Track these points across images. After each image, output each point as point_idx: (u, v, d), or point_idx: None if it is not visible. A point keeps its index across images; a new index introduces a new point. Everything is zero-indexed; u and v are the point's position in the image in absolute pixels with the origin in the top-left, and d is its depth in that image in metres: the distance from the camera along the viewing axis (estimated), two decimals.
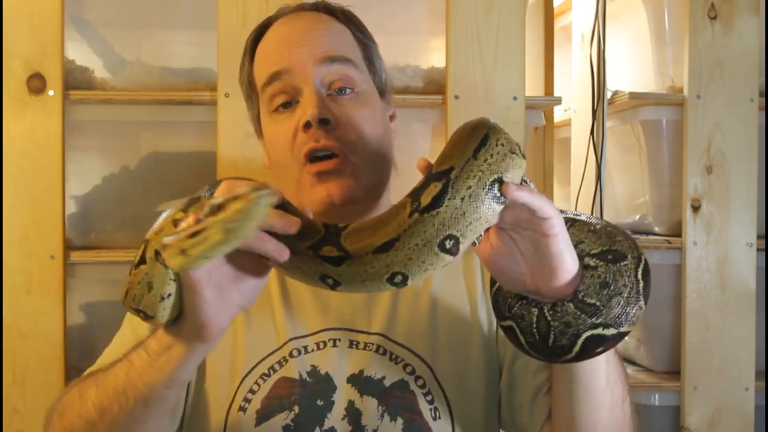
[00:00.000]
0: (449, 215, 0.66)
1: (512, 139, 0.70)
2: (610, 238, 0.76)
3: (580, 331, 0.71)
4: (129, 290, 0.75)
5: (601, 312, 0.71)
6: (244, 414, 0.93)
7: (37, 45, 1.47)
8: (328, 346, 0.96)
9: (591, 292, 0.72)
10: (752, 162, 1.69)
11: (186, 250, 0.64)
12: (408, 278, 0.68)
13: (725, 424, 1.68)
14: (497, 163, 0.67)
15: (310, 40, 0.96)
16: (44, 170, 1.47)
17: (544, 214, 0.67)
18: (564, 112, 2.09)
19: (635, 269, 0.74)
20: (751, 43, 1.69)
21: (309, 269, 0.71)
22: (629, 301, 0.72)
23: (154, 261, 0.72)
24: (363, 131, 0.94)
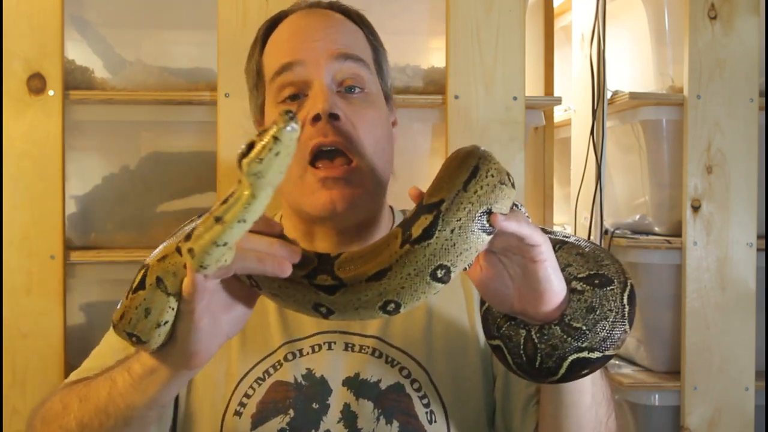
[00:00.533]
0: (440, 246, 0.67)
1: (502, 168, 0.71)
2: (597, 262, 0.77)
3: (566, 354, 0.72)
4: (125, 314, 0.72)
5: (586, 336, 0.72)
6: (239, 418, 0.93)
7: (37, 45, 1.47)
8: (323, 348, 0.95)
9: (577, 316, 0.73)
10: (752, 162, 1.69)
11: (221, 217, 0.61)
12: (401, 306, 0.70)
13: (725, 424, 1.68)
14: (486, 195, 0.68)
15: (325, 36, 0.96)
16: (44, 170, 1.47)
17: (532, 242, 0.68)
18: (564, 112, 2.09)
19: (621, 294, 0.75)
20: (751, 43, 1.69)
21: (302, 298, 0.72)
22: (614, 325, 0.74)
23: (155, 287, 0.71)
24: (369, 131, 0.94)
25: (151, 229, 1.60)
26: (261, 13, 1.48)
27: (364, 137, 0.93)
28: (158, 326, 0.71)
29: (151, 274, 0.72)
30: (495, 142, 1.53)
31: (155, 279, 0.71)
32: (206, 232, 0.63)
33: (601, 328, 0.73)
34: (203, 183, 1.59)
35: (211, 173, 1.51)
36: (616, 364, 1.87)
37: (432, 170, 1.62)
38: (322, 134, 0.90)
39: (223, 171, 1.49)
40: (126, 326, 0.73)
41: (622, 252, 1.80)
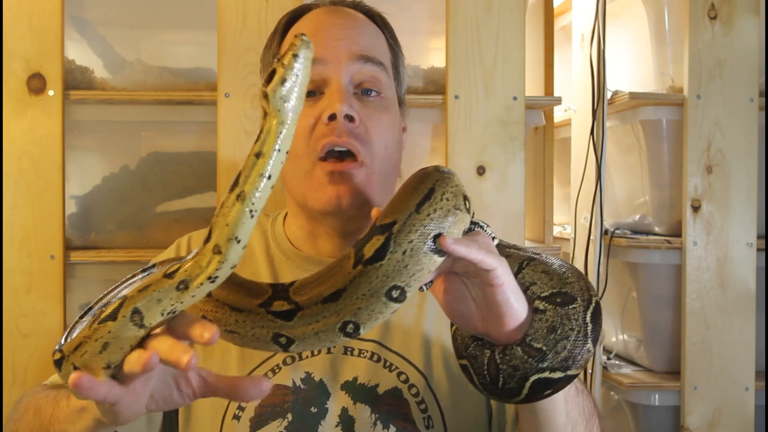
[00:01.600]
0: (392, 268, 0.67)
1: (460, 191, 0.71)
2: (561, 280, 0.76)
3: (528, 375, 0.72)
4: (81, 344, 0.64)
5: (547, 356, 0.72)
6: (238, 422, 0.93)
7: (37, 45, 1.47)
8: (322, 352, 0.95)
9: (538, 337, 0.73)
10: (752, 162, 1.69)
11: (260, 152, 0.61)
12: (360, 327, 0.69)
13: (725, 424, 1.68)
14: (439, 219, 0.68)
15: (348, 36, 0.95)
16: (44, 170, 1.47)
17: (485, 266, 0.68)
18: (564, 112, 2.09)
19: (584, 312, 0.75)
20: (751, 43, 1.69)
21: (261, 330, 0.71)
22: (576, 344, 0.73)
23: (128, 320, 0.63)
24: (381, 136, 0.93)
25: (151, 229, 1.60)
26: (261, 13, 1.48)
27: (376, 142, 0.93)
28: (107, 367, 0.64)
29: (127, 305, 0.64)
30: (495, 142, 1.53)
31: (131, 311, 0.63)
32: (251, 171, 0.61)
33: (562, 347, 0.72)
34: (203, 183, 1.59)
35: (211, 173, 1.51)
36: (616, 364, 1.87)
37: None
38: (335, 134, 0.90)
39: (223, 171, 1.49)
40: (75, 357, 0.65)
41: (622, 252, 1.80)
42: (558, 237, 2.11)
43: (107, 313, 0.63)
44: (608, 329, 1.96)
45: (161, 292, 0.63)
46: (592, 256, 1.80)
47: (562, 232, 2.15)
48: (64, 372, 0.65)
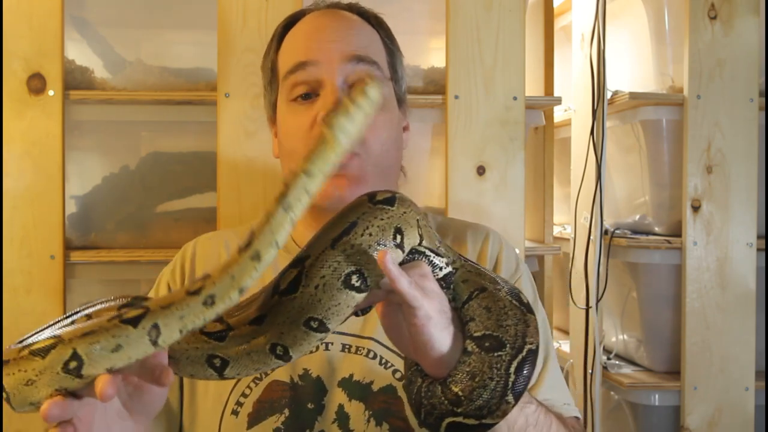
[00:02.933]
0: (306, 301, 0.68)
1: (392, 224, 0.70)
2: (498, 321, 0.73)
3: (443, 416, 0.71)
4: (95, 333, 0.62)
5: (462, 402, 0.69)
6: (236, 418, 0.93)
7: (37, 45, 1.47)
8: (320, 349, 0.95)
9: (458, 380, 0.70)
10: (752, 162, 1.69)
11: (290, 204, 0.61)
12: (288, 350, 0.70)
13: (725, 424, 1.68)
14: (357, 255, 0.68)
15: (340, 37, 0.96)
16: (44, 170, 1.47)
17: (411, 303, 0.67)
18: (564, 112, 2.09)
19: (509, 361, 0.70)
20: (751, 43, 1.69)
21: (195, 352, 0.71)
22: (494, 395, 0.69)
23: (146, 332, 0.62)
24: (377, 133, 0.94)
25: (151, 229, 1.60)
26: (261, 13, 1.48)
27: (371, 139, 0.93)
28: (30, 404, 0.65)
29: (150, 317, 0.63)
30: (495, 142, 1.53)
31: (151, 324, 0.62)
32: (298, 185, 0.63)
33: (478, 395, 0.69)
34: (203, 183, 1.59)
35: (211, 173, 1.51)
36: (616, 364, 1.87)
37: (432, 170, 1.62)
38: None
39: (223, 171, 1.49)
40: (84, 347, 0.63)
41: (622, 252, 1.80)
42: (558, 237, 2.11)
43: (131, 316, 0.63)
44: (608, 329, 1.96)
45: (186, 309, 0.63)
46: (592, 256, 1.80)
47: (562, 232, 2.15)
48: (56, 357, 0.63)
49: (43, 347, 0.63)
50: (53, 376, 0.62)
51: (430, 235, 0.77)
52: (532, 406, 0.79)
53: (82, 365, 0.62)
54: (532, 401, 0.80)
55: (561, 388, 0.97)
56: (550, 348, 0.99)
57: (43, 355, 0.62)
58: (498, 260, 1.02)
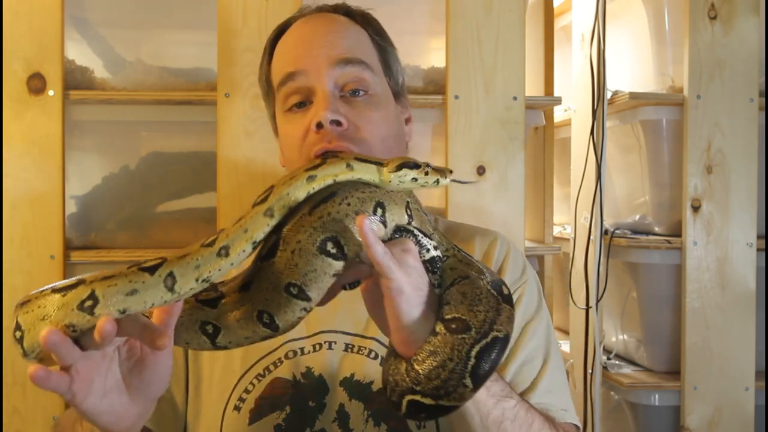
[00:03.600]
0: (283, 265, 0.70)
1: (374, 197, 0.72)
2: (471, 306, 0.73)
3: (404, 394, 0.71)
4: (113, 277, 0.66)
5: (421, 380, 0.70)
6: (238, 413, 0.94)
7: (37, 45, 1.47)
8: (323, 348, 0.96)
9: (420, 359, 0.71)
10: (752, 162, 1.69)
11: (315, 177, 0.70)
12: (274, 318, 0.72)
13: (725, 424, 1.68)
14: (334, 223, 0.70)
15: (326, 42, 0.96)
16: (44, 170, 1.47)
17: (384, 273, 0.68)
18: (564, 112, 2.09)
19: (472, 345, 0.70)
20: (751, 43, 1.69)
21: (189, 318, 0.74)
22: (452, 376, 0.69)
23: (161, 279, 0.66)
24: (375, 132, 0.94)
25: (151, 229, 1.60)
26: (261, 13, 1.48)
27: (369, 137, 0.93)
28: (121, 312, 0.66)
29: (166, 267, 0.67)
30: (495, 142, 1.53)
31: (167, 272, 0.66)
32: (332, 170, 0.72)
33: (436, 375, 0.69)
34: (203, 183, 1.59)
35: (211, 173, 1.51)
36: (616, 364, 1.87)
37: None
38: (325, 140, 0.90)
39: (223, 171, 1.49)
40: (103, 288, 0.66)
41: (622, 252, 1.80)
42: (558, 237, 2.11)
43: (149, 265, 0.66)
44: (608, 329, 1.96)
45: (201, 259, 0.67)
46: (592, 256, 1.80)
47: (562, 232, 2.15)
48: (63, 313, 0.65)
49: (65, 285, 0.66)
50: (67, 312, 0.64)
51: (421, 219, 0.78)
52: (511, 401, 0.79)
53: (96, 304, 0.64)
54: (513, 397, 0.80)
55: (560, 393, 0.96)
56: (551, 352, 0.98)
57: (64, 293, 0.65)
58: (503, 264, 1.02)
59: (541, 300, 1.02)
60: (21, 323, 0.66)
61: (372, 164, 0.73)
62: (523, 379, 0.93)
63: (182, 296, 0.67)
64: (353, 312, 0.97)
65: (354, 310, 0.97)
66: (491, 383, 0.77)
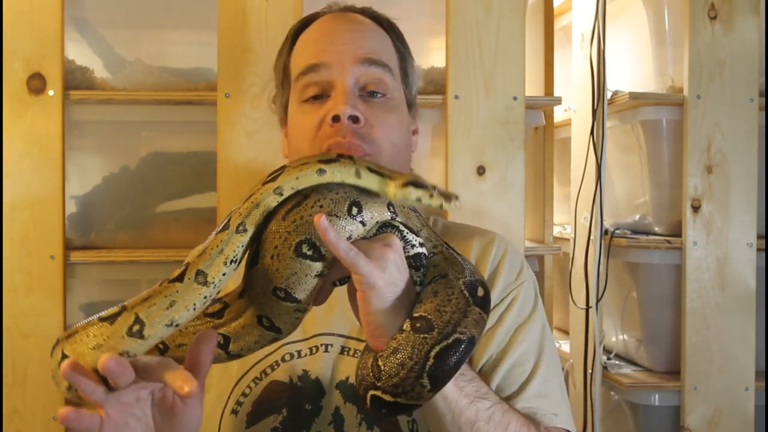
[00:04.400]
0: (266, 271, 0.72)
1: (349, 197, 0.73)
2: (439, 305, 0.73)
3: (368, 388, 0.72)
4: (150, 298, 0.69)
5: (381, 377, 0.70)
6: (236, 417, 0.94)
7: (37, 45, 1.47)
8: (320, 351, 0.96)
9: (384, 355, 0.71)
10: (752, 162, 1.69)
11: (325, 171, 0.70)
12: (272, 321, 0.74)
13: (725, 424, 1.68)
14: (306, 226, 0.71)
15: (352, 40, 0.97)
16: (44, 170, 1.47)
17: (352, 269, 0.69)
18: (564, 112, 2.09)
19: (432, 345, 0.70)
20: (751, 43, 1.69)
21: (201, 329, 0.76)
22: (410, 375, 0.69)
23: (192, 281, 0.69)
24: (388, 135, 0.95)
25: (151, 229, 1.60)
26: (261, 13, 1.48)
27: (381, 140, 0.94)
28: (169, 325, 0.69)
29: (129, 314, 0.68)
30: (495, 142, 1.53)
31: (195, 272, 0.69)
32: (343, 171, 0.73)
33: (395, 372, 0.70)
34: (203, 183, 1.59)
35: (211, 173, 1.51)
36: (616, 364, 1.87)
37: (432, 170, 1.62)
38: (340, 134, 0.91)
39: (223, 171, 1.49)
40: (143, 311, 0.69)
41: (622, 252, 1.80)
42: (558, 237, 2.11)
43: (175, 275, 0.69)
44: (608, 329, 1.96)
45: (222, 243, 0.70)
46: (592, 256, 1.80)
47: (562, 232, 2.15)
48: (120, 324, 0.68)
49: (111, 314, 0.68)
50: (119, 339, 0.67)
51: (407, 215, 0.78)
52: (486, 402, 0.79)
53: (143, 326, 0.67)
54: (489, 398, 0.80)
55: (552, 397, 0.93)
56: (544, 356, 0.95)
57: (111, 321, 0.68)
58: (499, 266, 1.00)
59: (536, 303, 1.00)
60: (69, 354, 0.68)
61: (380, 176, 0.73)
62: (512, 382, 0.91)
63: (218, 285, 0.70)
64: (349, 313, 0.97)
65: (350, 312, 0.97)
66: (465, 383, 0.77)
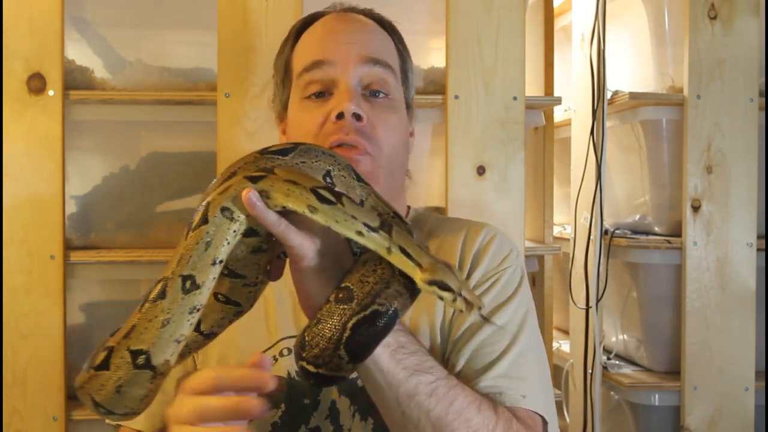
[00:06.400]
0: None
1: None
2: (363, 276, 0.72)
3: (297, 360, 0.73)
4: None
5: (305, 347, 0.71)
6: None
7: (37, 45, 1.47)
8: None
9: (310, 325, 0.71)
10: (752, 162, 1.69)
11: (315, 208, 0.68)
12: (227, 296, 0.76)
13: (725, 424, 1.68)
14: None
15: (357, 39, 0.98)
16: (44, 170, 1.47)
17: (281, 240, 0.69)
18: (564, 112, 2.09)
19: (350, 317, 0.70)
20: (751, 43, 1.69)
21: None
22: (328, 346, 0.69)
23: (221, 218, 0.69)
24: (389, 135, 0.96)
25: (151, 229, 1.59)
26: (261, 13, 1.48)
27: (383, 140, 0.94)
28: (213, 263, 0.69)
29: (173, 279, 0.68)
30: (495, 142, 1.53)
31: (180, 279, 0.68)
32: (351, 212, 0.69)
33: (316, 343, 0.70)
34: (203, 183, 1.57)
35: (211, 173, 1.51)
36: (616, 364, 1.87)
37: (432, 170, 1.62)
38: (343, 131, 0.91)
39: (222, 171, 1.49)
40: (184, 268, 0.69)
41: (622, 252, 1.80)
42: (558, 237, 2.11)
43: (198, 220, 0.69)
44: (608, 329, 1.96)
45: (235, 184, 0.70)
46: (592, 256, 1.80)
47: (562, 232, 2.15)
48: None
49: (158, 291, 0.68)
50: (179, 302, 0.67)
51: (348, 186, 0.77)
52: (429, 377, 0.78)
53: (194, 278, 0.67)
54: (433, 372, 0.78)
55: (525, 380, 0.90)
56: (521, 339, 0.93)
57: (163, 295, 0.67)
58: (485, 248, 0.99)
59: (519, 289, 0.98)
60: (138, 348, 0.68)
61: (410, 260, 0.70)
62: (479, 362, 0.89)
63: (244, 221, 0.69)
64: None
65: None
66: (405, 356, 0.76)
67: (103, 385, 0.69)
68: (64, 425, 1.47)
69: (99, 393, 0.70)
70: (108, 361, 0.69)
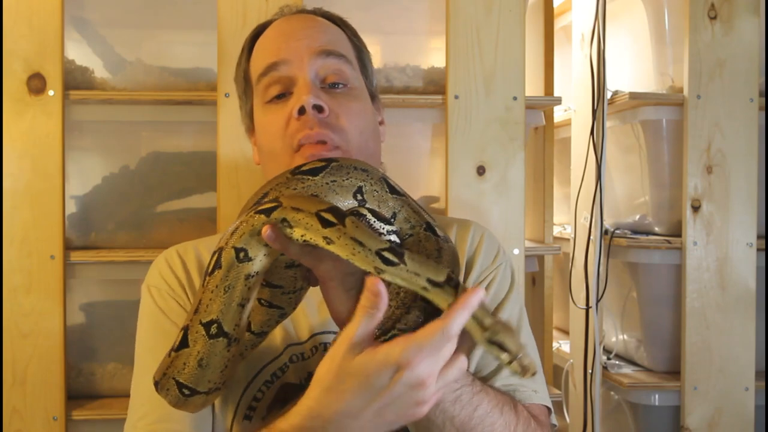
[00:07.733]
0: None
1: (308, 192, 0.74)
2: (388, 298, 0.74)
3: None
4: (237, 230, 0.73)
5: None
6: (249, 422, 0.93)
7: (37, 45, 1.47)
8: (320, 350, 0.96)
9: None
10: (752, 162, 1.69)
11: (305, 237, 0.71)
12: (270, 301, 0.81)
13: (725, 424, 1.68)
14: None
15: (307, 35, 0.98)
16: (44, 170, 1.47)
17: (310, 266, 0.74)
18: (564, 112, 2.09)
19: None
20: (751, 43, 1.69)
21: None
22: None
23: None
24: (354, 122, 0.95)
25: (151, 229, 1.59)
26: (261, 13, 1.48)
27: (349, 128, 0.94)
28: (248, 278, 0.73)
29: (227, 250, 0.72)
30: (495, 142, 1.53)
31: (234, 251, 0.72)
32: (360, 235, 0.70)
33: None
34: (203, 183, 1.59)
35: (211, 173, 1.51)
36: (616, 364, 1.87)
37: (432, 170, 1.62)
38: (307, 127, 0.92)
39: (223, 171, 1.49)
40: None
41: (622, 252, 1.80)
42: (558, 237, 2.11)
43: (264, 207, 0.72)
44: (608, 329, 1.96)
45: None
46: (592, 256, 1.80)
47: (562, 232, 2.15)
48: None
49: (212, 267, 0.73)
50: (237, 272, 0.72)
51: (381, 199, 0.78)
52: (453, 384, 0.79)
53: (246, 251, 0.72)
54: (457, 379, 0.79)
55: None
56: (521, 334, 0.98)
57: (219, 266, 0.73)
58: (478, 248, 1.03)
59: (513, 285, 1.03)
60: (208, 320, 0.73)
61: (472, 319, 0.70)
62: (490, 361, 0.92)
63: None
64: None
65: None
66: None
67: (186, 363, 0.74)
68: (64, 425, 1.47)
69: (183, 372, 0.75)
70: (186, 339, 0.74)
